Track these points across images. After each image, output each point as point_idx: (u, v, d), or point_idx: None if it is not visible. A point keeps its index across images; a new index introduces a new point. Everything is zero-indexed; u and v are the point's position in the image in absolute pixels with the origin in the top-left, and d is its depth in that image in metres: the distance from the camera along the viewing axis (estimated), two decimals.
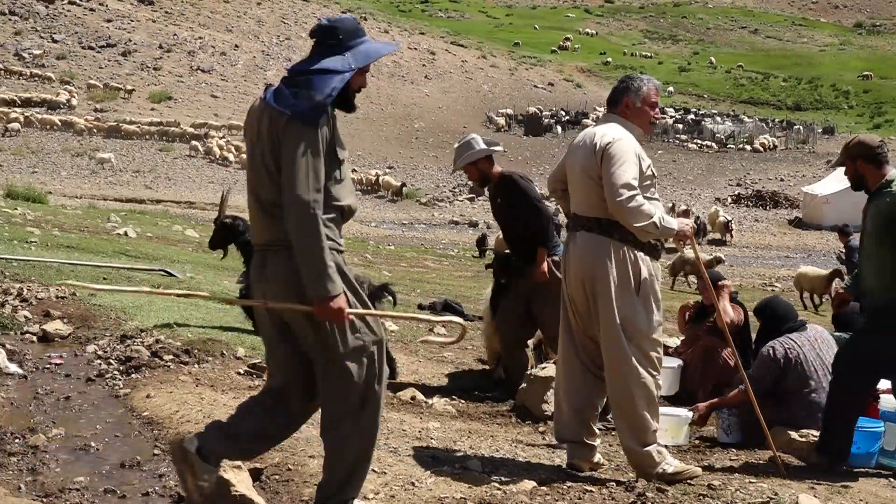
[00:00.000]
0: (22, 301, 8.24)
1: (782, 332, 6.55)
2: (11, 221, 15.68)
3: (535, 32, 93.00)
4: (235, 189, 35.11)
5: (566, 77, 77.50)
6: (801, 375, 6.30)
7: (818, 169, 50.30)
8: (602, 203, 4.74)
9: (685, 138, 59.50)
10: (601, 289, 4.76)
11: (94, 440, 5.05)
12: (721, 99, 76.23)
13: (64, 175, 37.05)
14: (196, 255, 15.14)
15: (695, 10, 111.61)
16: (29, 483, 4.31)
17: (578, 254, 4.84)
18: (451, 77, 71.66)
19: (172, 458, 3.94)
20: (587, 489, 4.60)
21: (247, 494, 4.02)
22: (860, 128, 66.63)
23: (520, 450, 5.41)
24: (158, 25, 66.21)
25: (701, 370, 8.10)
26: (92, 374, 6.42)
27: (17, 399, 5.74)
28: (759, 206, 43.69)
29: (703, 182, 49.00)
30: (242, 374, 6.71)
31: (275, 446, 4.29)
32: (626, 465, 5.27)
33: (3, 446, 4.79)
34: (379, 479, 4.46)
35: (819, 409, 6.18)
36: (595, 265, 4.77)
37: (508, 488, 4.53)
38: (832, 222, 37.82)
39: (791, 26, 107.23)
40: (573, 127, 59.77)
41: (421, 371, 8.25)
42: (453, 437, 5.51)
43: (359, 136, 52.60)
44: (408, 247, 26.24)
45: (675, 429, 7.88)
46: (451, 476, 4.63)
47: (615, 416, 4.96)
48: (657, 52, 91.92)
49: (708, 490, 4.73)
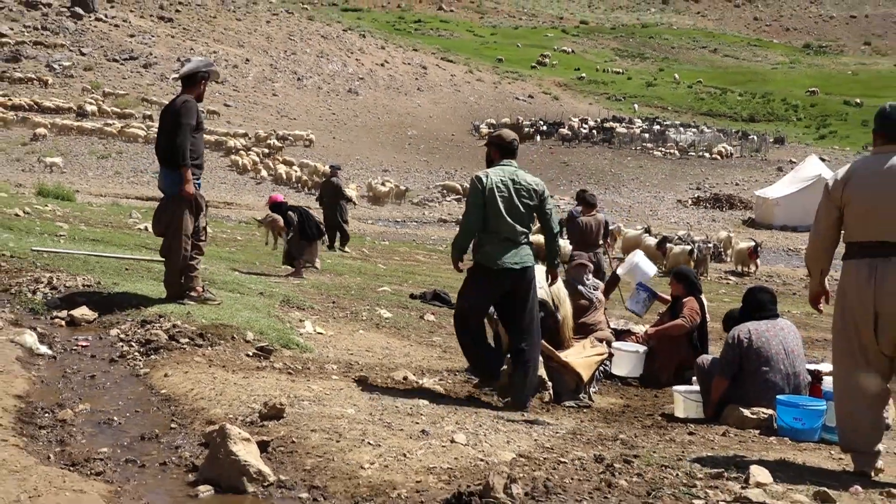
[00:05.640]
0: (52, 289, 8.22)
1: (753, 317, 6.62)
2: (42, 217, 15.65)
3: (517, 50, 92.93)
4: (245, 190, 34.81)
5: (545, 90, 77.49)
6: (759, 358, 6.35)
7: (770, 175, 50.45)
8: None
9: (651, 146, 59.54)
10: None
11: (117, 415, 5.05)
12: (683, 111, 76.28)
13: (90, 175, 36.93)
14: (209, 249, 15.08)
15: (660, 31, 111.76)
16: (57, 453, 4.31)
17: None
18: (441, 90, 71.59)
19: None
20: (561, 461, 4.62)
21: (254, 464, 4.03)
22: (808, 138, 66.92)
23: (500, 425, 5.42)
24: (177, 40, 65.98)
25: (665, 354, 8.18)
26: (115, 356, 6.42)
27: (46, 377, 5.74)
28: (717, 207, 43.83)
29: (667, 185, 49.10)
30: (251, 356, 6.72)
31: None
32: (597, 440, 5.30)
33: (34, 420, 4.79)
34: (374, 451, 4.47)
35: (773, 390, 6.23)
36: None
37: (490, 459, 4.55)
38: (782, 222, 38.05)
39: (747, 46, 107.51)
40: (551, 135, 59.91)
41: (412, 354, 8.27)
42: (441, 414, 5.52)
43: (358, 142, 52.57)
44: (400, 242, 26.24)
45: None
46: (439, 448, 4.64)
47: None
48: (626, 68, 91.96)
49: (670, 461, 4.75)
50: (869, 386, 4.83)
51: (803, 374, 6.47)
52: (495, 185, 6.30)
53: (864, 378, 4.81)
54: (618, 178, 50.47)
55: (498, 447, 4.82)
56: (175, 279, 8.15)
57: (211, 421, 4.86)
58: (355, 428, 4.86)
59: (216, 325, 7.32)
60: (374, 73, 71.64)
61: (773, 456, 5.19)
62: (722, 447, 5.42)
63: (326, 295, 11.08)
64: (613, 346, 8.12)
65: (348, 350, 7.92)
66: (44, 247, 10.60)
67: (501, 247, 6.32)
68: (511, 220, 6.30)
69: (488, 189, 6.28)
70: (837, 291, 4.87)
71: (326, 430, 4.79)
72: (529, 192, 6.39)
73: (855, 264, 4.73)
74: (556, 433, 5.41)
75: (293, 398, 5.42)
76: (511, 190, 6.33)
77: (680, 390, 6.80)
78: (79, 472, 4.03)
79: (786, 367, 6.36)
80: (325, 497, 3.93)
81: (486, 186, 6.29)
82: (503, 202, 6.28)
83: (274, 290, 10.18)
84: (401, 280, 14.69)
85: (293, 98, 61.07)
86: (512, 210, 6.31)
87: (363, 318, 9.79)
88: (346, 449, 4.49)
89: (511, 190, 6.33)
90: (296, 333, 7.98)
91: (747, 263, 23.01)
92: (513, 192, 6.33)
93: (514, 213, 6.32)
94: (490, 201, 6.28)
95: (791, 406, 5.95)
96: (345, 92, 65.07)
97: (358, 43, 79.97)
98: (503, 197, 6.29)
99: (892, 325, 4.62)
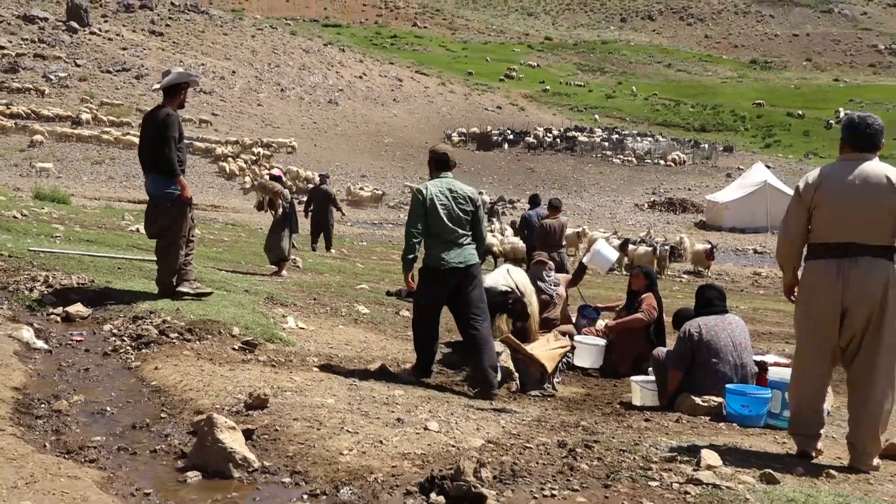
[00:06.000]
0: (48, 287, 8.13)
1: (703, 313, 6.68)
2: (39, 219, 15.45)
3: (487, 64, 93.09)
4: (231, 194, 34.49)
5: (512, 101, 77.66)
6: (709, 350, 6.41)
7: (719, 180, 50.86)
8: (891, 233, 4.68)
9: (610, 154, 59.85)
10: (889, 303, 4.67)
11: (110, 405, 5.01)
12: (640, 121, 76.73)
13: (85, 180, 36.53)
14: (197, 249, 14.97)
15: (619, 47, 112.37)
16: (53, 442, 4.27)
17: (866, 275, 4.67)
18: (415, 100, 71.53)
19: None
20: (527, 446, 4.63)
21: (240, 451, 4.01)
22: (754, 147, 67.55)
23: (471, 413, 5.42)
24: (167, 53, 65.40)
25: (624, 347, 8.22)
26: (108, 350, 6.36)
27: (43, 370, 5.68)
28: (671, 210, 44.13)
29: (625, 190, 49.37)
30: (237, 350, 6.67)
31: None
32: (560, 427, 5.32)
33: (30, 410, 4.74)
34: (352, 438, 4.46)
35: (723, 380, 6.29)
36: (888, 284, 4.67)
37: (461, 445, 4.55)
38: (731, 225, 38.37)
39: (698, 62, 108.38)
40: (517, 144, 60.05)
41: (388, 347, 8.25)
42: (415, 403, 5.51)
43: (337, 150, 52.42)
44: (378, 243, 26.17)
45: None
46: (413, 435, 4.64)
47: (881, 413, 4.78)
48: (588, 81, 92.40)
49: (628, 445, 4.78)
50: (823, 376, 4.94)
51: (750, 365, 6.53)
52: (434, 195, 6.66)
53: (820, 368, 4.91)
54: (579, 183, 50.70)
55: (468, 434, 4.83)
56: (168, 279, 8.11)
57: (199, 411, 4.83)
58: (335, 416, 4.85)
59: (204, 320, 7.27)
60: (353, 84, 71.48)
61: (723, 440, 5.24)
62: (675, 433, 5.46)
63: (308, 292, 11.03)
64: (575, 340, 8.15)
65: (328, 344, 7.90)
66: (40, 247, 10.48)
67: (446, 248, 6.66)
68: (452, 225, 6.66)
69: (429, 199, 6.64)
70: (802, 290, 4.92)
71: (308, 418, 4.77)
72: (466, 199, 6.76)
73: (823, 264, 4.78)
74: (522, 420, 5.43)
75: (276, 389, 5.40)
76: (449, 198, 6.69)
77: (637, 380, 6.84)
78: (73, 460, 4.00)
79: (734, 359, 6.42)
80: (306, 481, 3.92)
81: (427, 197, 6.65)
82: (443, 209, 6.64)
83: (258, 288, 10.13)
84: (378, 278, 14.66)
85: (277, 108, 60.76)
86: (451, 215, 6.67)
87: (342, 313, 9.76)
88: (326, 436, 4.48)
89: (449, 198, 6.69)
90: (279, 328, 7.94)
91: (703, 264, 23.05)
92: (451, 200, 6.70)
93: (453, 218, 6.67)
94: (431, 209, 6.63)
95: (739, 394, 6.01)
96: (325, 102, 64.85)
97: (338, 56, 79.76)
98: (443, 204, 6.65)
99: (858, 320, 4.70)
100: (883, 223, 4.68)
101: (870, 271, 4.67)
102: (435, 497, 3.72)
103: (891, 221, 4.68)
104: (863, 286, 4.67)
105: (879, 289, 4.66)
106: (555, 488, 3.94)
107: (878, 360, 4.73)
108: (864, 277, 4.67)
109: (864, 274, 4.67)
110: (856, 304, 4.69)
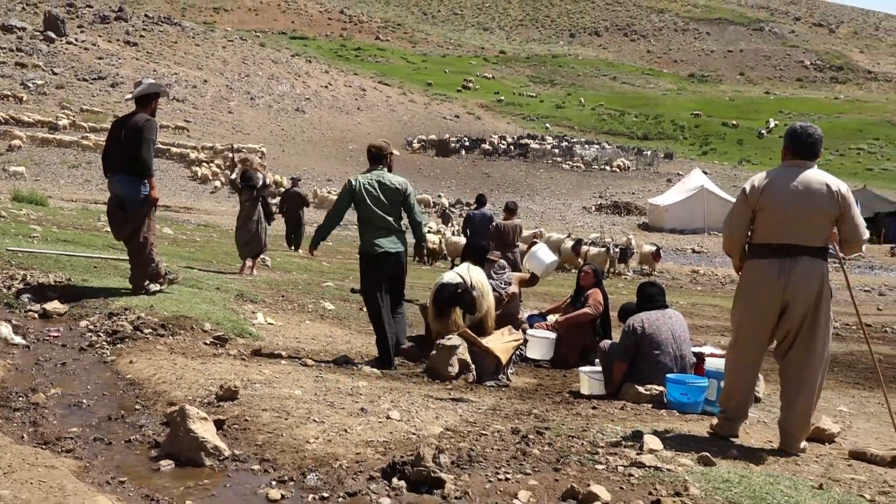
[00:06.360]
0: (26, 285, 7.95)
1: (645, 308, 6.73)
2: (17, 220, 15.12)
3: (445, 75, 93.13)
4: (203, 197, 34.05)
5: (469, 111, 77.81)
6: (651, 343, 6.46)
7: (660, 185, 51.46)
8: (826, 236, 4.80)
9: (560, 160, 60.26)
10: (822, 300, 4.78)
11: (86, 398, 4.92)
12: (588, 130, 77.36)
13: (62, 183, 35.86)
14: (170, 248, 14.83)
15: (568, 61, 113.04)
16: (31, 433, 4.18)
17: (804, 273, 4.75)
18: (378, 109, 71.35)
19: None
20: (482, 433, 4.63)
21: (211, 440, 3.97)
22: (692, 154, 68.47)
23: (430, 402, 5.42)
24: (141, 62, 64.43)
25: (572, 340, 8.26)
26: (84, 345, 6.25)
27: (21, 365, 5.56)
28: (616, 213, 44.54)
29: (574, 194, 49.73)
30: (208, 344, 6.60)
31: None
32: (514, 415, 5.33)
33: (8, 403, 4.64)
34: (318, 427, 4.43)
35: (664, 370, 6.35)
36: (823, 282, 4.78)
37: (421, 433, 4.54)
38: (671, 226, 38.86)
39: (641, 75, 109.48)
40: (474, 150, 60.16)
41: (353, 341, 8.23)
42: (378, 394, 5.49)
43: (305, 155, 52.08)
44: (343, 243, 26.00)
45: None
46: (376, 424, 4.62)
47: (810, 399, 4.87)
48: (539, 93, 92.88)
49: (576, 431, 4.80)
50: (756, 366, 5.06)
51: (689, 356, 6.60)
52: (363, 186, 7.03)
53: (754, 360, 5.01)
54: (532, 187, 50.94)
55: (428, 422, 4.82)
56: (142, 281, 7.98)
57: (172, 402, 4.77)
58: (301, 407, 4.81)
59: (177, 316, 7.18)
60: (319, 94, 71.05)
61: (664, 426, 5.28)
62: (620, 419, 5.49)
63: (276, 290, 10.94)
64: (528, 333, 8.18)
65: (296, 338, 7.84)
66: (18, 247, 10.27)
67: (377, 234, 7.02)
68: (380, 212, 7.00)
69: (357, 189, 7.03)
70: (745, 287, 4.97)
71: (276, 409, 4.73)
72: (394, 190, 7.07)
73: (766, 263, 4.84)
74: (478, 409, 5.43)
75: (246, 381, 5.34)
76: (377, 188, 7.04)
77: (585, 371, 6.88)
78: (50, 450, 3.92)
79: (674, 350, 6.49)
80: (274, 468, 3.88)
81: (355, 187, 7.04)
82: (370, 198, 6.99)
83: (229, 286, 10.02)
84: (343, 276, 14.59)
85: (247, 115, 60.17)
86: (379, 203, 7.01)
87: (309, 309, 9.70)
88: (294, 426, 4.44)
89: (377, 188, 7.04)
90: (249, 324, 7.87)
91: (650, 264, 23.16)
92: (379, 190, 7.04)
93: (381, 206, 7.01)
94: (359, 198, 7.01)
95: (678, 383, 6.07)
96: (293, 110, 64.39)
97: (304, 67, 79.21)
98: (371, 194, 7.00)
99: (796, 316, 4.79)
100: (821, 227, 4.79)
101: (808, 270, 4.77)
102: (396, 482, 3.71)
103: (828, 225, 4.80)
104: (802, 283, 4.76)
105: (816, 286, 4.77)
106: (509, 472, 3.95)
107: (811, 353, 4.83)
108: (804, 276, 4.76)
109: (804, 272, 4.76)
110: (795, 301, 4.77)
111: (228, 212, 28.84)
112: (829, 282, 4.86)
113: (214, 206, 33.54)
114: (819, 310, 4.79)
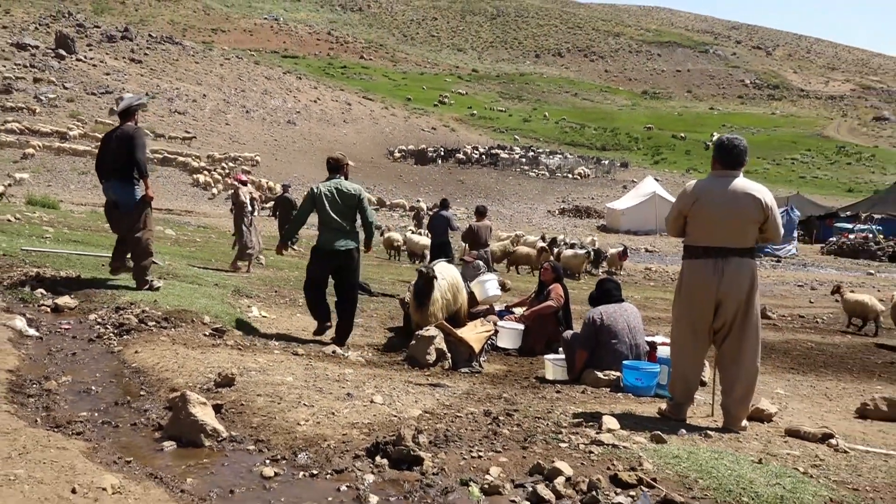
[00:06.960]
0: (39, 282, 7.87)
1: (603, 302, 6.77)
2: (31, 222, 14.92)
3: (423, 91, 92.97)
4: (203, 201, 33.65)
5: (444, 124, 77.70)
6: (609, 333, 6.50)
7: (617, 191, 51.74)
8: (753, 238, 4.86)
9: (527, 168, 60.38)
10: (753, 294, 4.84)
11: (94, 385, 4.87)
12: (552, 141, 77.54)
13: (72, 188, 35.38)
14: (173, 248, 14.70)
15: (534, 78, 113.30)
16: (43, 417, 4.13)
17: (736, 272, 4.81)
18: (362, 122, 71.04)
19: None
20: (458, 415, 4.64)
21: (210, 423, 3.95)
22: (645, 163, 68.82)
23: (410, 388, 5.41)
24: (145, 78, 63.72)
25: (538, 331, 8.28)
26: (93, 336, 6.19)
27: (34, 355, 5.49)
28: (577, 216, 44.70)
29: (539, 199, 49.85)
30: (207, 336, 6.56)
31: None
32: (486, 399, 5.34)
33: (23, 390, 4.58)
34: (308, 411, 4.41)
35: (621, 357, 6.39)
36: (752, 278, 4.83)
37: (402, 415, 4.54)
38: (626, 228, 39.06)
39: (599, 92, 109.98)
40: (449, 159, 60.14)
41: None
42: (363, 380, 5.48)
43: (295, 163, 51.75)
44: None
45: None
46: (361, 407, 4.61)
47: (749, 383, 4.92)
48: (508, 107, 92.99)
49: (542, 413, 4.82)
50: (700, 354, 5.09)
51: (643, 345, 6.65)
52: (323, 192, 7.33)
53: (697, 348, 5.04)
54: (501, 193, 51.02)
55: (408, 405, 4.82)
56: (142, 275, 7.95)
57: (174, 389, 4.73)
58: (293, 392, 4.79)
59: (178, 310, 7.13)
60: (309, 107, 70.64)
61: (620, 408, 5.32)
62: (581, 402, 5.52)
63: (270, 286, 10.88)
64: (498, 325, 8.19)
65: (287, 330, 7.81)
66: (32, 247, 10.15)
67: (332, 234, 7.35)
68: (335, 216, 7.30)
69: (318, 196, 7.33)
70: (684, 286, 5.00)
71: (269, 394, 4.70)
72: (350, 195, 7.36)
73: (702, 263, 4.89)
74: (454, 394, 5.43)
75: (242, 369, 5.31)
76: (336, 194, 7.33)
77: (549, 358, 6.90)
78: (62, 433, 3.88)
79: (629, 340, 6.54)
80: (268, 448, 3.87)
81: (316, 194, 7.35)
82: (328, 203, 7.29)
83: (226, 282, 9.95)
84: None
85: (243, 127, 59.68)
86: (335, 208, 7.30)
87: (300, 304, 9.65)
88: (286, 409, 4.42)
89: (336, 194, 7.33)
90: (245, 317, 7.82)
91: (617, 265, 22.95)
92: (336, 196, 7.33)
93: (337, 210, 7.31)
94: (319, 203, 7.32)
95: (633, 369, 6.12)
96: (285, 122, 63.93)
97: (295, 83, 78.74)
98: (329, 199, 7.30)
99: (730, 309, 4.84)
100: (749, 231, 4.85)
101: (739, 269, 4.83)
102: (379, 460, 3.70)
103: (755, 229, 4.86)
104: (734, 281, 4.82)
105: (747, 283, 4.84)
106: (481, 450, 3.96)
107: (745, 341, 4.89)
108: (735, 274, 4.82)
109: (735, 271, 4.82)
110: (728, 296, 4.83)
111: (225, 215, 28.65)
112: (758, 277, 4.93)
113: (212, 209, 33.29)
114: (750, 304, 4.86)
